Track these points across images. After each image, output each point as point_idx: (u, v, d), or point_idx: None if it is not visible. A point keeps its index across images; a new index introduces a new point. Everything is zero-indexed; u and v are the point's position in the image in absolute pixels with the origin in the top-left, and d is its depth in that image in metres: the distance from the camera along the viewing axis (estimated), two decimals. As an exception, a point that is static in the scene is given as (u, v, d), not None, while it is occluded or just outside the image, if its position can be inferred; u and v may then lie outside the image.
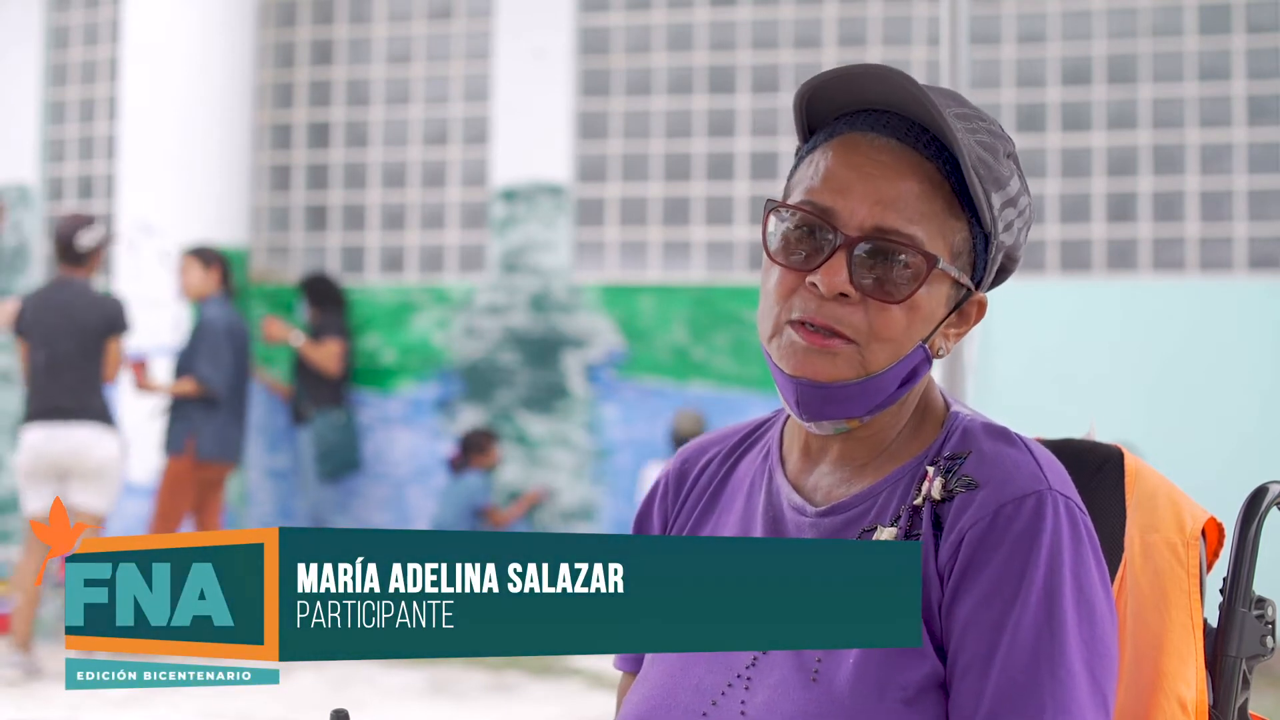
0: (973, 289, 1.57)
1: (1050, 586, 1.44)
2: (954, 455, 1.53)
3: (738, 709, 1.52)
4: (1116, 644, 1.48)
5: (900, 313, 1.50)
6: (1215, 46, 8.56)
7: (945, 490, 1.51)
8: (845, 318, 1.50)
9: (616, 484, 9.02)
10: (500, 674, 7.22)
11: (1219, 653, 1.62)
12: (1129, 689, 1.57)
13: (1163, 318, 8.31)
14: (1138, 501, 1.62)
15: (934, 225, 1.51)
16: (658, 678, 1.60)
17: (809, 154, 1.58)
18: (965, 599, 1.46)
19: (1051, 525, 1.46)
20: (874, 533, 1.53)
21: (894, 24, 9.06)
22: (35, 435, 6.85)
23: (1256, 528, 1.64)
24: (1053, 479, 1.50)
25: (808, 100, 1.57)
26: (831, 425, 1.56)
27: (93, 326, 6.89)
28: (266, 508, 9.76)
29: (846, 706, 1.46)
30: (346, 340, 9.31)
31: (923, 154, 1.52)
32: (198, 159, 8.86)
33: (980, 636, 1.44)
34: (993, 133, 1.56)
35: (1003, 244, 1.57)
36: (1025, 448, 1.53)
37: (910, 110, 1.52)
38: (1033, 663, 1.42)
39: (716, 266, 9.25)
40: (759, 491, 1.64)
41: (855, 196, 1.51)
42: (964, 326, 1.58)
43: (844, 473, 1.59)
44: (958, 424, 1.57)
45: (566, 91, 9.44)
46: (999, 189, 1.54)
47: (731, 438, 1.73)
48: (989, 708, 1.42)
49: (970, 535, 1.47)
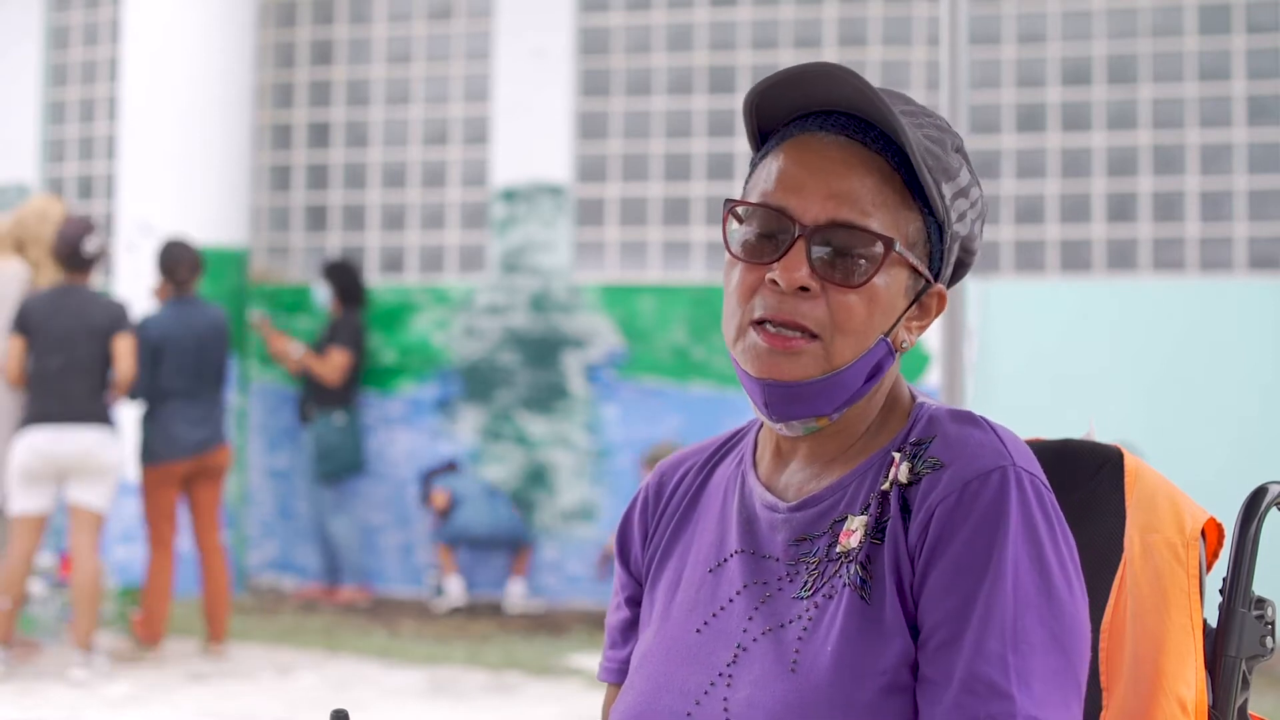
0: (931, 280, 1.59)
1: (1018, 560, 1.45)
2: (919, 440, 1.55)
3: (720, 706, 1.53)
4: (1086, 616, 1.48)
5: (860, 301, 1.52)
6: (1215, 46, 8.56)
7: (912, 474, 1.53)
8: (807, 311, 1.52)
9: (616, 484, 9.02)
10: (500, 674, 7.22)
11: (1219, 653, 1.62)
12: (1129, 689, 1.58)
13: (1162, 318, 8.31)
14: (1137, 501, 1.63)
15: (888, 216, 1.54)
16: (642, 684, 1.61)
17: (762, 160, 1.60)
18: (934, 573, 1.47)
19: (1017, 499, 1.47)
20: (844, 522, 1.55)
21: (894, 24, 9.06)
22: (39, 437, 6.88)
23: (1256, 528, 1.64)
24: (1017, 456, 1.51)
25: (756, 105, 1.59)
26: (801, 425, 1.58)
27: (101, 330, 6.98)
28: (267, 508, 9.76)
29: (826, 695, 1.47)
30: (358, 343, 9.28)
31: (872, 149, 1.55)
32: (198, 159, 8.86)
33: (950, 611, 1.45)
34: (939, 127, 1.59)
35: (957, 234, 1.59)
36: (989, 428, 1.55)
37: (858, 107, 1.55)
38: (1001, 637, 1.43)
39: (716, 266, 9.25)
40: (733, 495, 1.66)
41: (809, 193, 1.53)
42: (925, 319, 1.61)
43: (814, 468, 1.61)
44: (923, 413, 1.59)
45: (566, 91, 9.44)
46: (949, 179, 1.57)
47: (706, 450, 1.75)
48: (959, 681, 1.43)
49: (939, 511, 1.48)
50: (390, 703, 6.63)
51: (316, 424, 9.21)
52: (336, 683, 6.99)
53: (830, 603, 1.52)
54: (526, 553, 9.16)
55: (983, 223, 1.64)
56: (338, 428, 9.22)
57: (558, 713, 6.47)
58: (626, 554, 1.75)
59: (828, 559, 1.54)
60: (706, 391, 9.04)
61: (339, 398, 9.24)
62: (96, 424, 6.97)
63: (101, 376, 7.03)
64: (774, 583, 1.57)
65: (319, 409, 9.21)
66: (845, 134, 1.55)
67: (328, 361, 9.11)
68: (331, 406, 9.22)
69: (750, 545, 1.61)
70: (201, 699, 6.62)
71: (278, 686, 6.91)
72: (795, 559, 1.57)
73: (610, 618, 1.76)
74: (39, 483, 6.93)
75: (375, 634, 8.18)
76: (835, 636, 1.49)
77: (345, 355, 9.15)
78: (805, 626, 1.52)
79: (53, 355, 6.94)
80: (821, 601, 1.52)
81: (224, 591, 7.56)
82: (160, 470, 7.41)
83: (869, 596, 1.50)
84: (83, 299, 7.06)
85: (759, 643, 1.54)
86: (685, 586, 1.64)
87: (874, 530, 1.52)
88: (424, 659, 7.51)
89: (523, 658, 7.54)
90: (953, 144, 1.59)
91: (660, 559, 1.70)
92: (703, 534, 1.67)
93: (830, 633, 1.50)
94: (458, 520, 9.06)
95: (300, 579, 9.57)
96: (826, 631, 1.50)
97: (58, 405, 6.92)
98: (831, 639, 1.49)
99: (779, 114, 1.60)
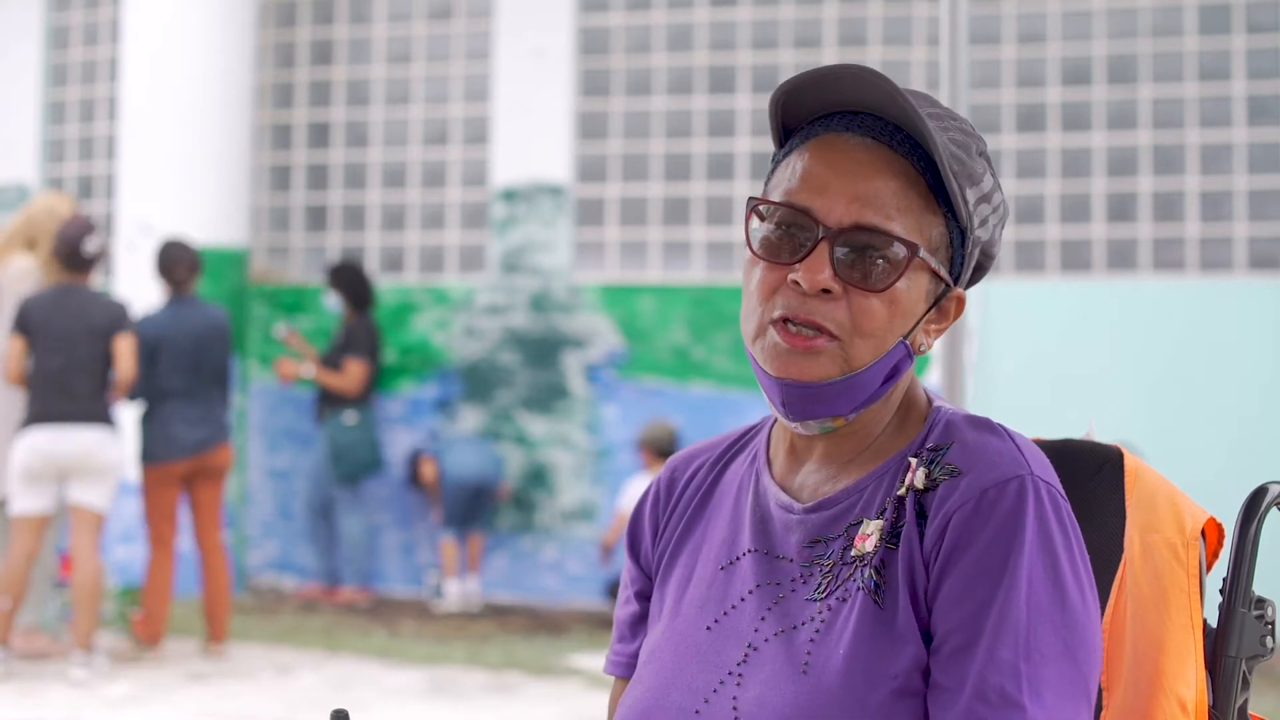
0: (952, 285, 1.59)
1: (1032, 570, 1.45)
2: (937, 446, 1.55)
3: (729, 705, 1.53)
4: (1099, 627, 1.49)
5: (882, 305, 1.52)
6: (1215, 46, 8.56)
7: (929, 479, 1.52)
8: (828, 313, 1.51)
9: (616, 484, 9.02)
10: (500, 674, 7.22)
11: (1219, 653, 1.62)
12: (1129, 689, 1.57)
13: (1162, 318, 8.30)
14: (1137, 502, 1.63)
15: (911, 220, 1.54)
16: (651, 679, 1.61)
17: (785, 157, 1.60)
18: (948, 580, 1.47)
19: (1034, 508, 1.47)
20: (860, 526, 1.55)
21: (894, 24, 9.06)
22: (39, 437, 6.89)
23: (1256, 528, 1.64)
24: (1034, 465, 1.51)
25: (782, 103, 1.59)
26: (817, 425, 1.58)
27: (101, 329, 6.99)
28: (267, 508, 9.76)
29: (837, 697, 1.47)
30: (374, 348, 9.22)
31: (897, 151, 1.54)
32: (198, 159, 8.86)
33: (964, 618, 1.45)
34: (965, 131, 1.59)
35: (979, 239, 1.59)
36: (1007, 436, 1.55)
37: (884, 109, 1.55)
38: (1014, 646, 1.43)
39: (716, 266, 9.25)
40: (746, 493, 1.66)
41: (833, 194, 1.53)
42: (944, 323, 1.60)
43: (830, 470, 1.61)
44: (940, 417, 1.59)
45: (566, 91, 9.44)
46: (973, 184, 1.57)
47: (719, 445, 1.75)
48: (971, 688, 1.43)
49: (956, 518, 1.48)
50: (390, 703, 6.63)
51: (329, 424, 9.20)
52: (336, 683, 6.99)
53: (843, 606, 1.52)
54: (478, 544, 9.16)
55: (1003, 226, 1.64)
56: (350, 427, 9.22)
57: (558, 713, 6.47)
58: (637, 548, 1.75)
59: (842, 562, 1.54)
60: (706, 391, 9.05)
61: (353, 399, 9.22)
62: (97, 424, 6.96)
63: (102, 376, 7.03)
64: (787, 584, 1.57)
65: (331, 409, 9.20)
66: (871, 135, 1.55)
67: (345, 375, 9.08)
68: (344, 406, 9.22)
69: (764, 545, 1.61)
70: (201, 699, 6.62)
71: (278, 686, 6.91)
72: (809, 561, 1.57)
73: (619, 611, 1.76)
74: (40, 483, 6.94)
75: (375, 634, 8.18)
76: (847, 639, 1.49)
77: (362, 366, 9.10)
78: (818, 629, 1.52)
79: (53, 355, 6.95)
80: (835, 604, 1.52)
81: (224, 591, 7.56)
82: (159, 470, 7.41)
83: (882, 601, 1.50)
84: (83, 299, 7.07)
85: (770, 643, 1.54)
86: (696, 583, 1.64)
87: (889, 535, 1.52)
88: (424, 659, 7.51)
89: (523, 658, 7.54)
90: (977, 148, 1.59)
91: (671, 554, 1.70)
92: (715, 531, 1.67)
93: (843, 636, 1.50)
94: (449, 480, 9.00)
95: (300, 579, 9.57)
96: (839, 634, 1.50)
97: (58, 405, 6.92)
98: (844, 642, 1.49)
99: (804, 112, 1.60)
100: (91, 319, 7.01)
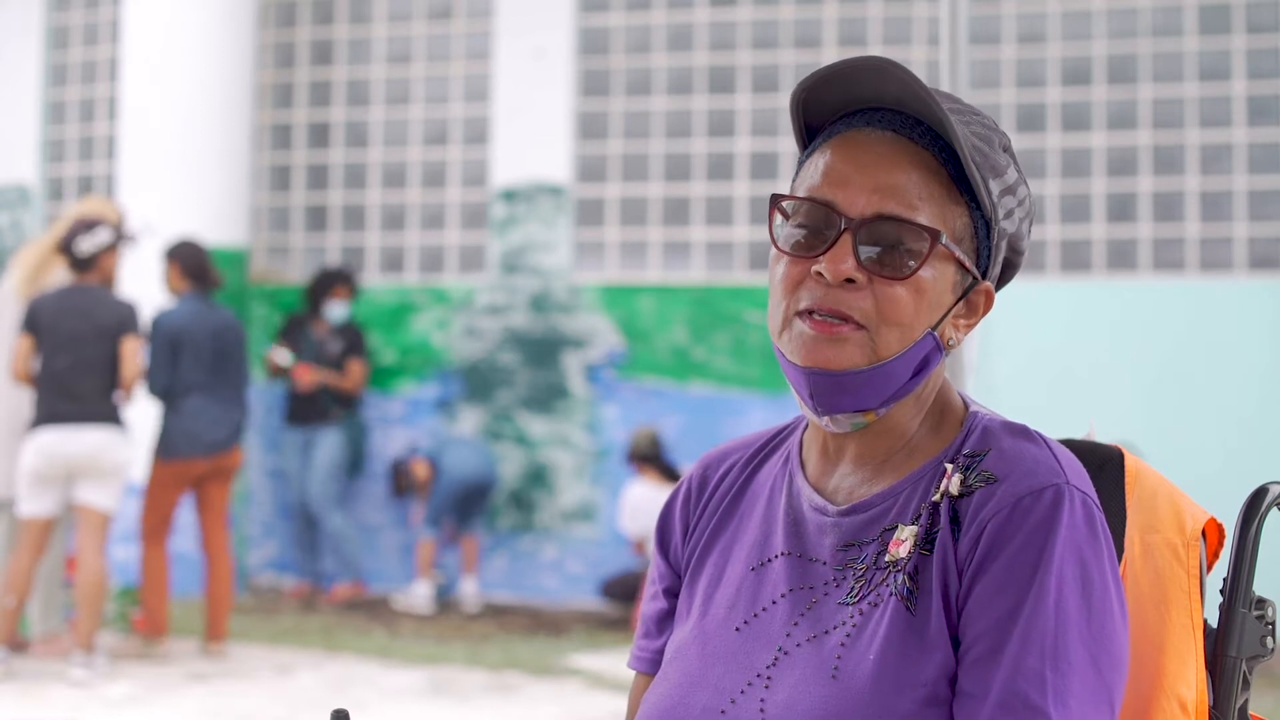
0: (979, 277, 1.59)
1: (1063, 579, 1.45)
2: (974, 453, 1.55)
3: (756, 707, 1.53)
4: (1126, 640, 1.48)
5: (907, 293, 1.52)
6: (1215, 46, 8.56)
7: (964, 486, 1.52)
8: (853, 303, 1.51)
9: (616, 484, 9.01)
10: (500, 674, 7.22)
11: (1219, 653, 1.62)
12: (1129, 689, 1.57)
13: (1162, 317, 8.31)
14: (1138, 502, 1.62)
15: (934, 209, 1.54)
16: (676, 676, 1.61)
17: (809, 156, 1.60)
18: (978, 586, 1.47)
19: (1068, 519, 1.47)
20: (894, 531, 1.54)
21: (894, 24, 9.06)
22: (47, 437, 6.88)
23: (1256, 528, 1.64)
24: (1071, 475, 1.51)
25: (804, 101, 1.59)
26: (847, 420, 1.57)
27: (109, 329, 6.97)
28: (266, 508, 9.76)
29: (866, 702, 1.47)
30: (363, 345, 9.29)
31: (919, 144, 1.55)
32: (198, 159, 8.86)
33: (991, 624, 1.45)
34: (987, 126, 1.59)
35: (1004, 230, 1.59)
36: (1045, 444, 1.55)
37: (905, 103, 1.55)
38: (1040, 655, 1.43)
39: (716, 266, 9.25)
40: (780, 495, 1.65)
41: (855, 187, 1.53)
42: (973, 317, 1.60)
43: (864, 472, 1.60)
44: (978, 423, 1.59)
45: (566, 91, 9.44)
46: (996, 176, 1.57)
47: (752, 445, 1.74)
48: (997, 696, 1.43)
49: (991, 526, 1.48)
50: (390, 703, 6.63)
51: (343, 424, 9.24)
52: (336, 683, 6.99)
53: (875, 611, 1.51)
54: (474, 546, 9.16)
55: (1030, 223, 1.63)
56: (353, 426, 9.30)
57: (558, 713, 6.47)
58: (666, 545, 1.74)
59: (875, 567, 1.54)
60: (706, 391, 9.05)
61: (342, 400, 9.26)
62: (105, 424, 6.94)
63: (110, 376, 7.01)
64: (820, 587, 1.56)
65: (343, 409, 9.24)
66: (892, 130, 1.55)
67: (350, 376, 9.14)
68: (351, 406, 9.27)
69: (797, 548, 1.60)
70: (201, 699, 6.62)
71: (277, 686, 6.91)
72: (843, 564, 1.56)
73: (646, 607, 1.75)
74: (47, 485, 6.92)
75: (375, 634, 8.18)
76: (878, 645, 1.49)
77: (362, 364, 9.20)
78: (848, 633, 1.52)
79: (61, 355, 6.93)
80: (866, 609, 1.52)
81: (227, 592, 7.55)
82: (174, 466, 7.39)
83: (914, 607, 1.49)
84: (91, 298, 7.03)
85: (801, 647, 1.54)
86: (726, 583, 1.64)
87: (924, 541, 1.52)
88: (424, 659, 7.51)
89: (522, 658, 7.54)
90: (1000, 142, 1.59)
91: (701, 553, 1.69)
92: (746, 531, 1.67)
93: (873, 641, 1.50)
94: (446, 480, 8.99)
95: (300, 579, 9.57)
96: (870, 640, 1.50)
97: (66, 405, 6.90)
98: (874, 648, 1.49)
99: (825, 111, 1.60)
100: (99, 319, 6.99)
